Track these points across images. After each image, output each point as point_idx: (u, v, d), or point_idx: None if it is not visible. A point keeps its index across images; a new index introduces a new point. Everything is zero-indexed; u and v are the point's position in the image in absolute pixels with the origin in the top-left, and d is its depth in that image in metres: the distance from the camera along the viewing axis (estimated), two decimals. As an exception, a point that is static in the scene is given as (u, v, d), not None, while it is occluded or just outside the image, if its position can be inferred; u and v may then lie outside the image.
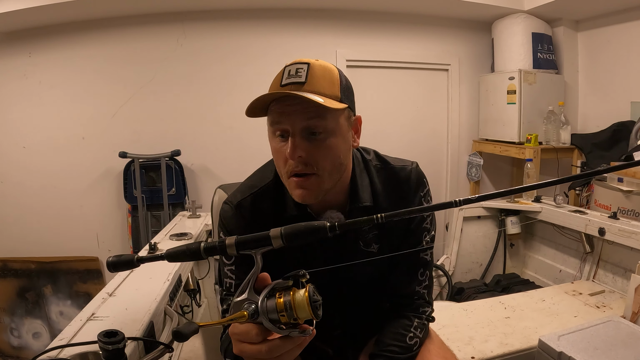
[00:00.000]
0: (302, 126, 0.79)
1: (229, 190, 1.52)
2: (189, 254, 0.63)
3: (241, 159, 3.05)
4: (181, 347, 1.39)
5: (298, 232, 0.60)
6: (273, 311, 0.58)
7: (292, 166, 0.81)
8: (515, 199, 2.45)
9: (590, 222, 1.99)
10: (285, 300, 0.58)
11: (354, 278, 0.96)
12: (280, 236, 0.60)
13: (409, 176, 0.95)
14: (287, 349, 0.60)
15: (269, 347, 0.60)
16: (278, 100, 0.79)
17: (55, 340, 0.94)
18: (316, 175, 0.82)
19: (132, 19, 2.88)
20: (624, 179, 2.12)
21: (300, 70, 0.80)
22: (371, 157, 0.98)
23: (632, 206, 2.07)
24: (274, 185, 0.93)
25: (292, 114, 0.79)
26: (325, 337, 1.08)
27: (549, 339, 1.31)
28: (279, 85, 0.80)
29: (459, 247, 2.48)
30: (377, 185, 0.93)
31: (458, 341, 1.47)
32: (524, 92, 2.98)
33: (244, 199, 0.93)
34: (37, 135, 2.92)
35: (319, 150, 0.81)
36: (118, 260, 0.64)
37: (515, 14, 3.08)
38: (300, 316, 0.58)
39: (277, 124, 0.81)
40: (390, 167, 0.96)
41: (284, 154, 0.81)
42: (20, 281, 2.93)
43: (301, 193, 0.83)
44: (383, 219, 0.58)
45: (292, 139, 0.79)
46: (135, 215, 2.88)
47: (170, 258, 0.63)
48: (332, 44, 3.12)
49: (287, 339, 0.60)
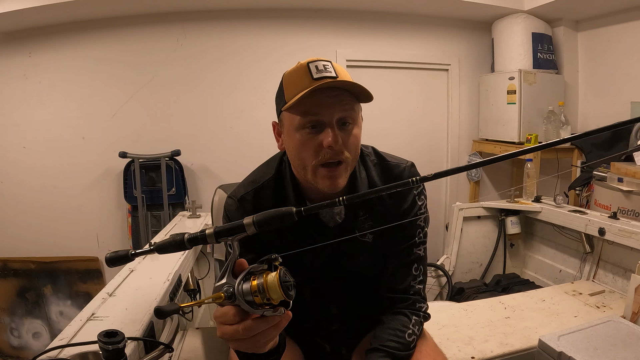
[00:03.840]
0: (339, 117, 0.85)
1: (229, 190, 1.52)
2: (174, 245, 0.68)
3: (241, 159, 3.05)
4: (181, 347, 1.39)
5: (268, 218, 0.65)
6: (248, 293, 0.62)
7: (327, 155, 0.85)
8: (515, 199, 2.45)
9: (590, 222, 1.99)
10: (258, 282, 0.62)
11: (349, 267, 1.00)
12: (252, 223, 0.65)
13: (402, 173, 0.99)
14: (263, 329, 0.64)
15: (245, 326, 0.63)
16: (313, 93, 0.82)
17: (55, 340, 0.94)
18: (344, 163, 0.88)
19: (132, 19, 2.88)
20: (624, 179, 2.12)
21: (327, 66, 0.85)
22: (369, 151, 1.03)
23: (632, 206, 2.07)
24: (275, 180, 0.98)
25: (330, 105, 0.84)
26: (323, 333, 1.11)
27: (549, 339, 1.31)
28: (310, 79, 0.83)
29: (459, 247, 2.48)
30: (374, 179, 0.98)
31: (458, 341, 1.47)
32: (524, 92, 2.98)
33: (246, 193, 0.97)
34: (37, 135, 2.92)
35: (348, 140, 0.87)
36: (115, 255, 0.70)
37: (515, 14, 3.08)
38: (273, 297, 0.62)
39: (313, 115, 0.84)
40: (386, 162, 1.01)
41: (315, 144, 0.85)
42: (20, 281, 2.93)
43: (331, 183, 0.88)
44: (345, 201, 0.64)
45: (332, 129, 0.84)
46: (135, 215, 2.88)
47: (159, 250, 0.69)
48: (332, 44, 3.12)
49: (262, 319, 0.63)
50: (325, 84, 0.82)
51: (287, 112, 0.87)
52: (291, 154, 0.92)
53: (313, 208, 0.65)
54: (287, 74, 0.89)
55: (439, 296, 2.43)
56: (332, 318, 1.08)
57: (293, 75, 0.87)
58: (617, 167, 2.21)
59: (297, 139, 0.87)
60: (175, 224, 2.12)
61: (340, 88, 0.85)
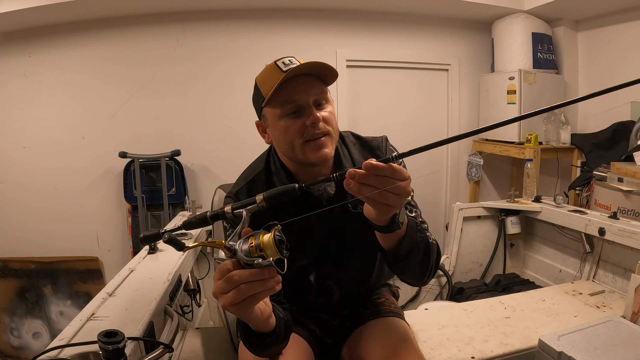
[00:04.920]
0: (314, 99, 0.96)
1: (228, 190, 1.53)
2: (200, 220, 0.77)
3: (241, 159, 3.00)
4: (181, 347, 1.39)
5: (276, 193, 0.74)
6: (247, 251, 0.69)
7: (311, 132, 0.94)
8: (515, 199, 2.45)
9: (590, 222, 1.99)
10: (256, 240, 0.69)
11: (348, 243, 1.08)
12: (263, 199, 0.74)
13: (380, 144, 1.11)
14: (251, 279, 0.69)
15: (235, 272, 0.69)
16: (287, 83, 0.92)
17: (55, 340, 0.94)
18: (328, 135, 0.97)
19: (132, 19, 2.88)
20: (624, 179, 2.12)
21: (292, 60, 0.96)
22: (347, 134, 1.14)
23: (632, 206, 2.07)
24: (265, 172, 1.07)
25: (304, 90, 0.94)
26: (326, 327, 1.18)
27: (549, 339, 1.31)
28: (281, 72, 0.92)
29: (459, 247, 2.48)
30: (355, 156, 1.08)
31: (458, 341, 1.47)
32: (524, 92, 2.98)
33: (240, 189, 1.05)
34: (37, 136, 2.92)
35: (327, 116, 0.97)
36: (149, 234, 0.78)
37: (515, 14, 3.08)
38: (268, 252, 0.68)
39: (292, 102, 0.94)
40: (363, 140, 1.13)
41: (298, 126, 0.94)
42: (20, 281, 2.93)
43: (320, 152, 0.96)
44: (337, 177, 0.73)
45: (310, 109, 0.94)
46: (135, 215, 2.88)
47: (186, 227, 0.78)
48: (332, 44, 3.12)
49: (250, 269, 0.69)
50: (295, 71, 0.91)
51: (268, 107, 0.97)
52: (279, 141, 1.00)
53: (313, 184, 0.75)
54: (259, 75, 1.01)
55: (439, 296, 2.43)
56: (334, 300, 1.14)
57: (264, 75, 0.98)
58: (617, 167, 2.21)
59: (282, 125, 0.96)
60: (175, 224, 2.11)
61: (308, 75, 0.95)
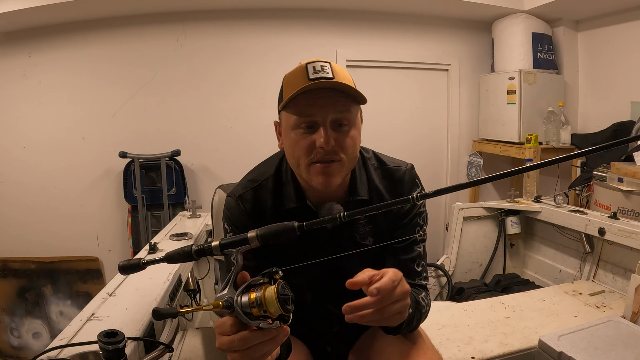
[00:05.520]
0: (333, 118, 0.85)
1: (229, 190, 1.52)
2: (183, 255, 0.71)
3: (241, 159, 3.03)
4: (181, 347, 1.39)
5: (272, 233, 0.67)
6: (246, 305, 0.64)
7: (320, 155, 0.86)
8: (515, 199, 2.45)
9: (590, 222, 1.99)
10: (257, 295, 0.64)
11: (350, 271, 0.97)
12: (256, 237, 0.67)
13: (403, 177, 1.00)
14: (259, 341, 0.64)
15: (241, 336, 0.64)
16: (307, 93, 0.83)
17: (55, 340, 0.94)
18: (339, 162, 0.88)
19: (132, 19, 2.88)
20: (624, 179, 2.12)
21: (325, 67, 0.85)
22: (370, 155, 1.03)
23: (632, 206, 2.07)
24: (274, 179, 0.98)
25: (324, 106, 0.84)
26: (324, 335, 1.11)
27: (549, 339, 1.31)
28: (306, 79, 0.83)
29: (459, 247, 2.48)
30: (374, 183, 0.99)
31: (458, 341, 1.47)
32: (524, 92, 2.98)
33: (245, 192, 0.98)
34: (37, 135, 2.92)
35: (344, 141, 0.87)
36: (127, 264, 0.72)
37: (515, 14, 3.08)
38: (271, 310, 0.63)
39: (307, 116, 0.85)
40: (386, 167, 1.02)
41: (308, 143, 0.86)
42: (20, 281, 2.93)
43: (324, 179, 0.87)
44: (345, 217, 0.66)
45: (325, 129, 0.85)
46: (135, 215, 2.88)
47: (168, 260, 0.71)
48: (332, 44, 3.12)
49: (259, 331, 0.64)
50: (317, 84, 0.82)
51: (284, 111, 0.89)
52: (287, 152, 0.93)
53: (315, 223, 0.67)
54: (287, 74, 0.91)
55: (439, 296, 2.43)
56: (332, 320, 1.07)
57: (292, 75, 0.88)
58: (617, 167, 2.21)
59: (293, 138, 0.88)
60: (175, 224, 2.11)
61: (335, 89, 0.85)
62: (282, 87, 0.92)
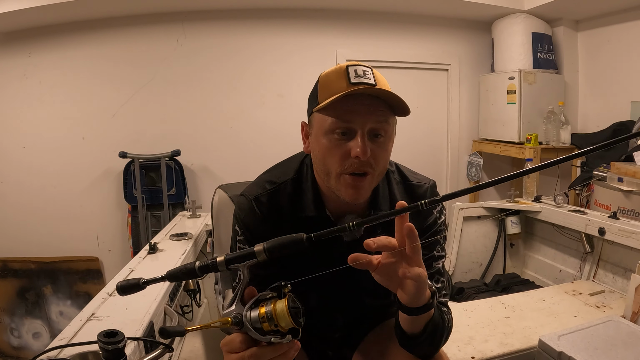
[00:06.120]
0: (371, 127, 0.81)
1: (228, 190, 1.52)
2: (186, 273, 0.66)
3: (241, 159, 3.05)
4: (181, 347, 1.39)
5: (280, 245, 0.63)
6: (256, 321, 0.62)
7: (354, 166, 0.81)
8: (515, 199, 2.45)
9: (590, 222, 1.99)
10: (267, 309, 0.61)
11: (360, 284, 0.92)
12: (263, 250, 0.63)
13: (425, 194, 0.97)
14: (270, 357, 0.62)
15: (251, 353, 0.61)
16: (348, 98, 0.78)
17: (55, 340, 0.94)
18: (370, 175, 0.83)
19: (132, 19, 2.88)
20: (624, 179, 2.11)
21: (367, 72, 0.82)
22: (393, 169, 0.99)
23: (632, 206, 2.07)
24: (293, 183, 0.93)
25: (364, 114, 0.80)
26: (327, 339, 1.09)
27: (549, 339, 1.31)
28: (347, 83, 0.79)
29: (459, 247, 2.48)
30: (396, 197, 0.94)
31: (458, 341, 1.47)
32: (524, 92, 2.98)
33: (261, 194, 0.92)
34: (37, 135, 2.92)
35: (379, 153, 0.83)
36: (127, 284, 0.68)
37: (515, 14, 3.08)
38: (282, 324, 0.61)
39: (345, 122, 0.80)
40: (408, 182, 0.98)
41: (342, 152, 0.81)
42: (20, 281, 2.93)
43: (354, 193, 0.83)
44: (354, 226, 0.62)
45: (362, 138, 0.80)
46: (135, 215, 2.88)
47: (170, 278, 0.67)
48: (332, 44, 3.12)
49: (269, 346, 0.62)
50: (361, 90, 0.78)
51: (318, 113, 0.83)
52: (316, 158, 0.87)
53: (324, 234, 0.63)
54: (324, 74, 0.86)
55: (439, 296, 2.43)
56: (336, 326, 1.05)
57: (330, 76, 0.83)
58: (617, 167, 2.21)
59: (325, 143, 0.83)
60: (175, 224, 2.11)
61: (377, 97, 0.81)
62: (316, 87, 0.86)
